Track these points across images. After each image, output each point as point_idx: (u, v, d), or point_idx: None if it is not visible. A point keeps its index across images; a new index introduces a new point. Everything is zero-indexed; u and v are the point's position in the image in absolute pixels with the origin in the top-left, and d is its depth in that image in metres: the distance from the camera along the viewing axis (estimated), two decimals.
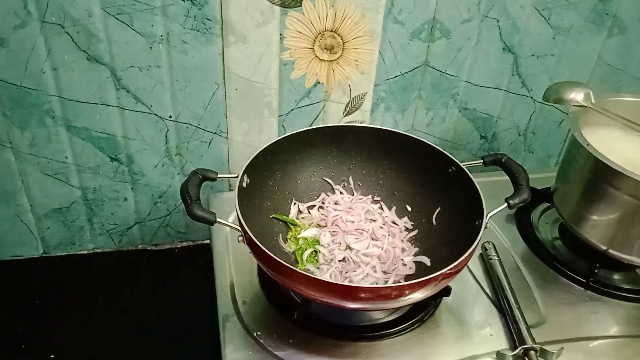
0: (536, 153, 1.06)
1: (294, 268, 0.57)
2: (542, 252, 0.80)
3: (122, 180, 0.89)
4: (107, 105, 0.80)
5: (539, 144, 1.05)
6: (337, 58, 0.84)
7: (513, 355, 0.64)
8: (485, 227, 0.64)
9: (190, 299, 0.90)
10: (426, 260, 0.71)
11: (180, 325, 0.85)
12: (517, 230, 0.85)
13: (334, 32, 0.81)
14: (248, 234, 0.60)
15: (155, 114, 0.83)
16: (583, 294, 0.75)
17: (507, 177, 0.71)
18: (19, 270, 0.93)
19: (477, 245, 0.62)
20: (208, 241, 0.99)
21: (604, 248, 0.74)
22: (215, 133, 0.88)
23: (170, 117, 0.84)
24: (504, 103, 0.98)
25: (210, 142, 0.88)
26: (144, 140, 0.85)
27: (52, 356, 0.79)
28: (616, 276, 0.79)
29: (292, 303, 0.69)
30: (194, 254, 0.99)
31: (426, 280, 0.59)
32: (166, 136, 0.86)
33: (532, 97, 0.98)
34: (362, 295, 0.58)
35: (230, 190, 0.95)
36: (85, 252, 0.97)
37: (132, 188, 0.91)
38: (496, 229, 0.84)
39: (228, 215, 0.76)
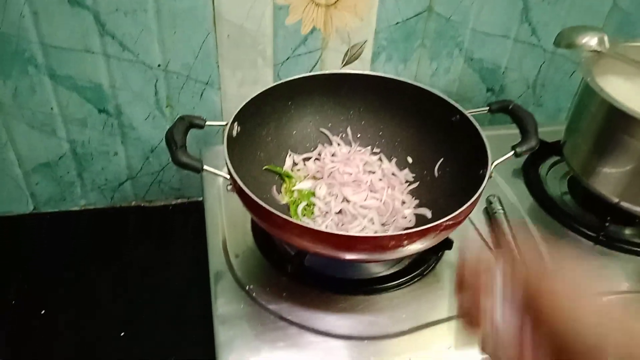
0: (546, 106, 1.01)
1: (287, 217, 0.53)
2: (550, 206, 0.77)
3: (112, 134, 0.86)
4: (92, 52, 0.76)
5: (548, 97, 1.00)
6: (335, 2, 0.79)
7: None
8: (490, 177, 0.60)
9: (184, 256, 0.87)
10: (427, 213, 0.68)
11: (173, 282, 0.83)
12: (525, 184, 0.81)
13: None
14: (237, 182, 0.56)
15: (143, 63, 0.79)
16: (592, 249, 0.72)
17: (513, 131, 0.66)
18: (10, 226, 0.91)
19: (480, 194, 0.58)
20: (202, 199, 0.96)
21: (616, 200, 0.71)
22: (207, 84, 0.83)
23: (159, 65, 0.80)
24: (512, 53, 0.93)
25: (202, 94, 0.84)
26: (132, 90, 0.81)
27: (42, 312, 0.77)
28: (627, 231, 0.75)
29: (286, 257, 0.66)
30: (189, 211, 0.96)
31: (425, 229, 0.55)
32: (155, 86, 0.82)
33: (542, 47, 0.93)
34: (358, 245, 0.55)
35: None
36: (77, 208, 0.94)
37: (122, 142, 0.87)
38: (502, 183, 0.81)
39: (221, 169, 0.72)
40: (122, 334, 0.76)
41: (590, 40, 0.74)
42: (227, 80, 0.84)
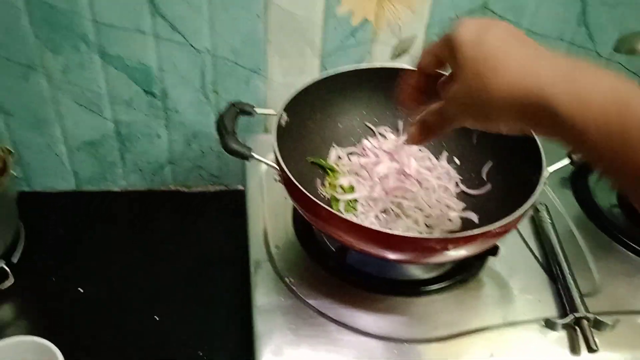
0: None
1: (333, 211, 0.53)
2: (600, 218, 0.74)
3: (156, 116, 0.86)
4: (143, 32, 0.76)
5: None
6: None
7: (563, 324, 0.59)
8: (545, 184, 0.58)
9: (220, 243, 0.87)
10: (474, 217, 0.66)
11: (208, 268, 0.83)
12: (573, 194, 0.78)
13: None
14: (285, 172, 0.55)
15: (192, 45, 0.79)
16: None
17: None
18: (51, 202, 0.92)
19: (533, 202, 0.56)
20: (241, 187, 0.96)
21: None
22: (253, 71, 0.83)
23: (207, 49, 0.79)
24: None
25: (248, 81, 0.84)
26: (179, 74, 0.81)
27: (81, 290, 0.78)
28: None
29: (328, 251, 0.65)
30: (227, 199, 0.96)
31: (474, 235, 0.54)
32: (202, 71, 0.82)
33: (597, 52, 0.90)
34: (403, 245, 0.53)
35: (266, 132, 0.90)
36: (117, 189, 0.95)
37: (165, 125, 0.87)
38: (550, 192, 0.78)
39: (265, 157, 0.72)
40: (157, 318, 0.76)
41: None
42: (273, 68, 0.83)
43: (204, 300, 0.79)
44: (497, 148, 0.69)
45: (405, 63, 0.85)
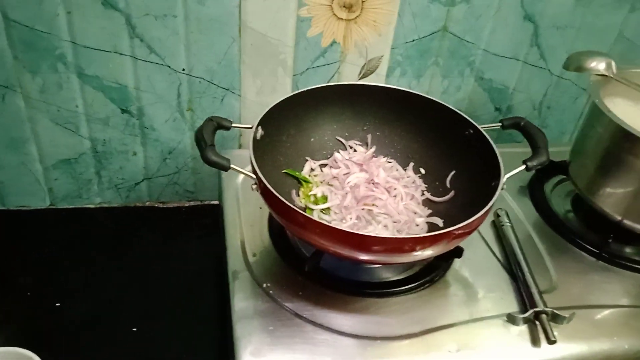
0: (550, 128, 1.05)
1: (309, 216, 0.56)
2: (555, 222, 0.79)
3: (132, 134, 0.88)
4: (120, 54, 0.79)
5: (553, 120, 1.04)
6: (356, 17, 0.83)
7: (524, 318, 0.63)
8: (502, 188, 0.63)
9: (196, 257, 0.89)
10: (439, 222, 0.71)
11: (184, 282, 0.85)
12: (530, 200, 0.84)
13: None
14: (262, 181, 0.59)
15: (169, 66, 0.82)
16: (595, 264, 0.75)
17: (522, 149, 0.69)
18: (26, 220, 0.92)
19: (492, 205, 0.61)
20: (216, 201, 0.99)
21: (619, 219, 0.74)
22: (227, 90, 0.86)
23: (183, 70, 0.83)
24: (521, 75, 0.96)
25: (222, 99, 0.87)
26: (155, 93, 0.84)
27: (57, 304, 0.79)
28: (628, 249, 0.78)
29: (302, 257, 0.68)
30: (201, 214, 0.99)
31: (438, 235, 0.58)
32: (178, 90, 0.85)
33: (549, 70, 0.97)
34: (374, 245, 0.57)
35: (240, 148, 0.94)
36: (92, 206, 0.96)
37: (141, 142, 0.90)
38: (509, 199, 0.83)
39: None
40: (135, 329, 0.77)
41: (598, 65, 0.77)
42: (247, 87, 0.87)
43: (181, 311, 0.80)
44: (460, 158, 0.74)
45: (372, 81, 0.90)
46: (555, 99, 1.01)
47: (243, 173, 0.60)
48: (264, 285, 0.65)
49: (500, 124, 0.71)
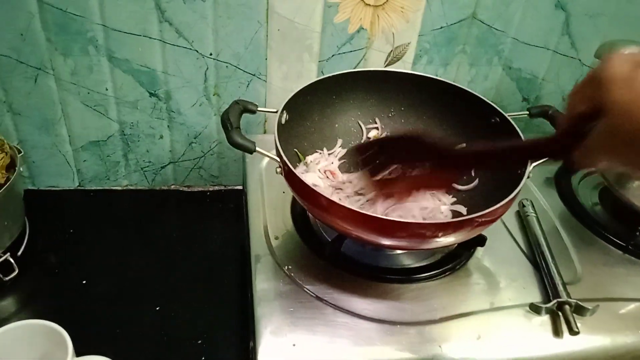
0: None
1: (333, 199, 0.56)
2: (582, 214, 0.78)
3: (159, 117, 0.90)
4: (150, 37, 0.80)
5: None
6: (383, 4, 0.82)
7: (546, 308, 0.63)
8: (528, 177, 0.62)
9: (219, 240, 0.90)
10: (462, 210, 0.70)
11: (207, 264, 0.86)
12: (557, 192, 0.83)
13: None
14: (287, 165, 0.59)
15: (196, 51, 0.83)
16: (621, 257, 0.73)
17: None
18: (54, 200, 0.95)
19: (518, 192, 0.60)
20: (239, 187, 1.00)
21: None
22: (254, 75, 0.87)
23: (210, 54, 0.83)
24: (551, 64, 0.95)
25: (248, 84, 0.88)
26: (183, 77, 0.85)
27: (83, 282, 0.81)
28: None
29: (324, 241, 0.69)
30: (225, 198, 1.00)
31: (461, 221, 0.58)
32: (205, 74, 0.86)
33: (580, 60, 0.95)
34: (397, 231, 0.57)
35: (265, 133, 0.94)
36: (119, 188, 0.98)
37: (168, 126, 0.91)
38: (535, 189, 0.83)
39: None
40: (157, 308, 0.79)
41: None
42: (273, 72, 0.87)
43: (203, 293, 0.82)
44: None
45: (398, 69, 0.89)
46: None
47: (267, 156, 0.60)
48: (286, 267, 0.65)
49: (527, 112, 0.71)
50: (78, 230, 0.89)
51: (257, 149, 0.60)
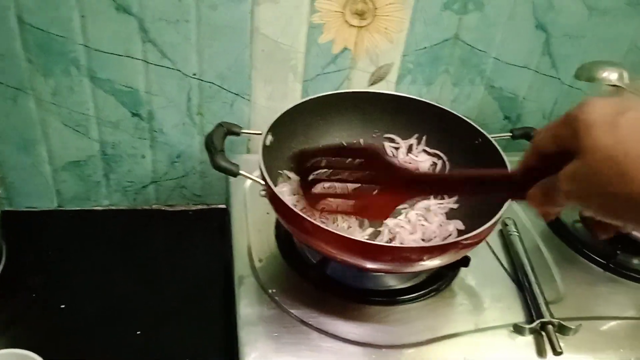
0: None
1: (318, 223, 0.56)
2: (563, 232, 0.79)
3: (142, 137, 0.89)
4: (133, 57, 0.80)
5: None
6: (367, 25, 0.83)
7: (530, 328, 0.63)
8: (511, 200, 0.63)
9: (202, 260, 0.89)
10: (460, 225, 0.70)
11: (190, 285, 0.85)
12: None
13: None
14: (270, 187, 0.59)
15: (180, 71, 0.82)
16: (603, 275, 0.74)
17: None
18: (34, 222, 0.93)
19: (501, 215, 0.61)
20: (223, 205, 0.99)
21: (628, 230, 0.73)
22: (238, 95, 0.87)
23: (194, 74, 0.83)
24: (532, 83, 0.96)
25: (232, 104, 0.88)
26: (166, 97, 0.85)
27: (62, 306, 0.79)
28: (636, 260, 0.77)
29: (309, 263, 0.68)
30: (208, 217, 0.99)
31: (447, 245, 0.58)
32: (189, 94, 0.85)
33: (560, 79, 0.96)
34: (383, 255, 0.57)
35: (248, 152, 0.94)
36: (100, 208, 0.97)
37: (150, 146, 0.90)
38: (517, 208, 0.83)
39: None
40: (138, 332, 0.78)
41: (610, 75, 0.77)
42: (257, 92, 0.87)
43: (187, 315, 0.81)
44: (469, 167, 0.74)
45: (381, 89, 0.90)
46: (565, 108, 0.99)
47: (251, 179, 0.60)
48: (270, 291, 0.65)
49: (510, 134, 0.71)
50: (58, 252, 0.88)
51: (241, 172, 0.60)
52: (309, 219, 0.57)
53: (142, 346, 0.76)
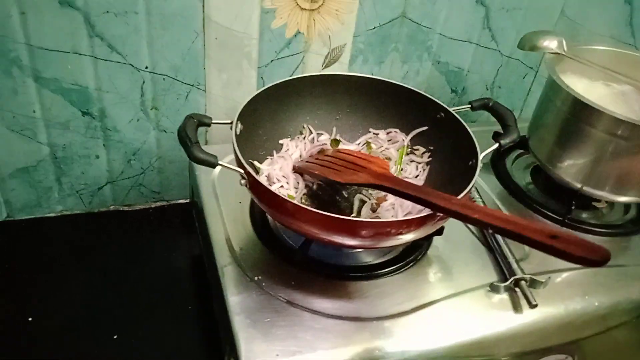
0: None
1: (300, 205, 0.57)
2: (519, 193, 0.84)
3: (94, 137, 0.85)
4: (80, 54, 0.76)
5: (504, 98, 1.09)
6: (318, 7, 0.84)
7: (505, 286, 0.67)
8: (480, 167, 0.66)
9: (169, 258, 0.88)
10: None
11: (160, 284, 0.83)
12: (494, 175, 0.88)
13: None
14: (252, 175, 0.59)
15: (131, 65, 0.79)
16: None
17: (482, 129, 0.72)
18: None
19: (474, 183, 0.64)
20: (183, 200, 0.97)
21: (579, 186, 0.79)
22: (192, 85, 0.85)
23: (146, 68, 0.81)
24: (474, 57, 1.01)
25: (187, 95, 0.86)
26: (118, 93, 0.82)
27: (29, 319, 0.76)
28: (586, 214, 0.83)
29: (288, 246, 0.69)
30: (169, 214, 0.97)
31: (424, 217, 0.59)
32: (142, 88, 0.82)
33: (499, 51, 1.02)
34: (363, 230, 0.58)
35: (207, 144, 0.93)
36: (53, 214, 0.92)
37: (104, 145, 0.87)
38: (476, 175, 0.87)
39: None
40: (115, 336, 0.75)
41: (551, 43, 0.82)
42: (212, 81, 0.86)
43: (161, 313, 0.79)
44: (433, 140, 0.77)
45: (335, 70, 0.91)
46: (505, 78, 1.07)
47: (232, 169, 0.59)
48: (256, 278, 0.65)
49: (469, 106, 0.74)
50: (13, 266, 0.83)
51: (220, 162, 0.59)
52: (291, 200, 0.57)
53: (120, 350, 0.74)
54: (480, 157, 0.66)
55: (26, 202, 0.89)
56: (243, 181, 0.60)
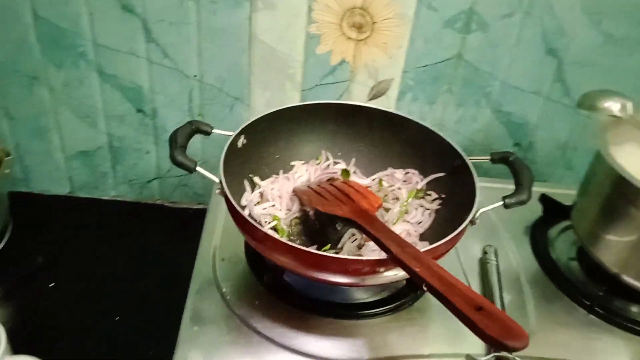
0: (576, 170, 0.98)
1: (258, 226, 0.56)
2: (551, 268, 0.74)
3: (146, 133, 0.92)
4: (137, 56, 0.84)
5: (579, 161, 0.97)
6: (366, 38, 0.83)
7: None
8: (474, 223, 0.60)
9: (193, 258, 0.91)
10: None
11: (177, 279, 0.86)
12: (530, 242, 0.79)
13: (364, 10, 0.80)
14: (223, 187, 0.60)
15: (181, 71, 0.85)
16: (585, 319, 0.69)
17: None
18: (44, 205, 0.99)
19: (455, 237, 0.58)
20: None
21: (616, 271, 0.68)
22: (237, 99, 0.89)
23: (195, 76, 0.86)
24: (543, 111, 0.92)
25: (232, 107, 0.90)
26: (168, 96, 0.88)
27: (50, 285, 0.83)
28: (633, 308, 0.71)
29: (266, 267, 0.68)
30: None
31: (378, 260, 0.55)
32: (190, 95, 0.88)
33: (575, 108, 0.91)
34: (326, 265, 0.56)
35: None
36: (107, 198, 1.01)
37: (154, 142, 0.94)
38: (506, 237, 0.79)
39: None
40: (117, 318, 0.80)
41: (613, 105, 0.72)
42: (256, 98, 0.88)
43: (170, 308, 0.82)
44: (446, 187, 0.72)
45: (382, 104, 0.89)
46: (584, 140, 0.95)
47: (206, 176, 0.61)
48: (223, 290, 0.65)
49: (489, 157, 0.68)
50: (61, 236, 0.92)
51: (198, 168, 0.61)
52: (251, 220, 0.57)
53: (120, 332, 0.78)
54: (478, 212, 0.60)
55: (86, 182, 0.99)
56: (217, 190, 0.61)
